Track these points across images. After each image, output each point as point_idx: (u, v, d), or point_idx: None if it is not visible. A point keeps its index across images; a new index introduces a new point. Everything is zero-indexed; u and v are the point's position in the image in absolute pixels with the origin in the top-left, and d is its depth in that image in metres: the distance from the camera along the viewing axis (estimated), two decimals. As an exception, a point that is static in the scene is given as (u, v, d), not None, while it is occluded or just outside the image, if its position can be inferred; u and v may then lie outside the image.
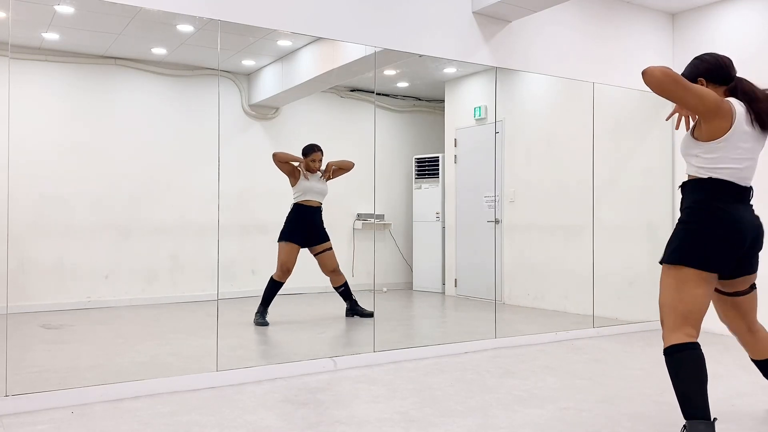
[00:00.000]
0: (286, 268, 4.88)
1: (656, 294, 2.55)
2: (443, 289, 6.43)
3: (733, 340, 4.86)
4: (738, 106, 2.45)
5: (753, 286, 2.65)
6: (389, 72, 5.72)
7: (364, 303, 5.14)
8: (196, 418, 2.92)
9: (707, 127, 2.43)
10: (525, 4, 4.47)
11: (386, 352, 4.11)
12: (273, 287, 4.87)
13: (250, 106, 5.51)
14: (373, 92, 4.80)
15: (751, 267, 2.56)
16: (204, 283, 5.13)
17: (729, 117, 2.41)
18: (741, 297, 2.65)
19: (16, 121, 4.39)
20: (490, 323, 4.78)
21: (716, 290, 2.64)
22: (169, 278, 5.43)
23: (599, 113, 5.33)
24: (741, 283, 2.62)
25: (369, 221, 5.82)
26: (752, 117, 2.44)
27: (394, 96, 6.41)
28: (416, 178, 6.70)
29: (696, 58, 2.62)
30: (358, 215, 5.87)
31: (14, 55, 3.52)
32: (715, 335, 5.09)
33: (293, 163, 4.92)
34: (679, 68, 5.62)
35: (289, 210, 5.00)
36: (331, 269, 5.04)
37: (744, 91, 2.50)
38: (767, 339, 2.73)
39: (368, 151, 4.56)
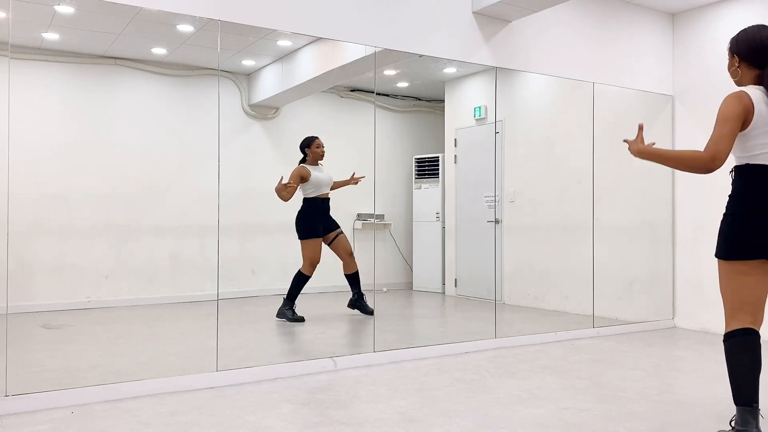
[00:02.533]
0: (316, 262, 4.96)
1: (656, 294, 2.56)
2: (443, 289, 6.43)
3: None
4: (754, 92, 2.44)
5: None
6: (389, 72, 5.72)
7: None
8: (196, 418, 2.92)
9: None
10: (525, 4, 4.47)
11: (386, 352, 4.11)
12: (301, 281, 4.92)
13: (250, 106, 5.51)
14: (373, 92, 4.80)
15: None
16: (204, 283, 5.14)
17: (751, 109, 2.41)
18: None
19: (16, 121, 4.39)
20: (490, 323, 4.78)
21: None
22: (169, 278, 5.43)
23: (599, 113, 5.33)
24: None
25: (369, 221, 5.83)
26: None
27: (394, 96, 6.41)
28: (416, 178, 6.70)
29: (742, 31, 2.56)
30: (358, 215, 5.87)
31: (14, 55, 3.52)
32: (714, 335, 5.09)
33: (291, 184, 4.90)
34: (679, 67, 5.63)
35: (302, 206, 5.00)
36: (349, 252, 5.12)
37: None
38: None
39: (368, 151, 4.56)
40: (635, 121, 5.75)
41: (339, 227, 5.13)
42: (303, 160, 5.05)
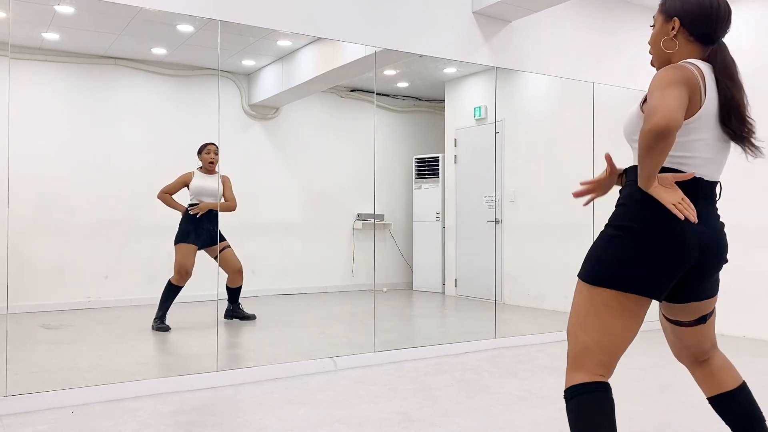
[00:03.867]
0: (184, 270, 4.75)
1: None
2: (443, 289, 6.43)
3: (725, 340, 4.86)
4: (708, 71, 1.77)
5: (702, 319, 1.90)
6: (389, 72, 5.72)
7: (364, 303, 5.14)
8: (196, 418, 2.92)
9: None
10: (525, 4, 4.47)
11: (386, 352, 4.11)
12: (171, 291, 4.76)
13: (250, 106, 5.51)
14: (373, 92, 4.80)
15: (706, 291, 1.85)
16: (204, 283, 5.13)
17: (697, 89, 1.71)
18: (684, 328, 1.93)
19: (16, 121, 4.39)
20: (490, 323, 4.77)
21: (661, 315, 2.01)
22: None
23: (599, 113, 5.33)
24: (688, 312, 1.89)
25: (369, 221, 5.83)
26: (720, 113, 1.76)
27: (394, 96, 6.41)
28: (416, 178, 6.70)
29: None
30: (358, 215, 5.87)
31: (14, 55, 3.52)
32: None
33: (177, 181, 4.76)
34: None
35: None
36: (237, 269, 4.87)
37: (722, 70, 1.78)
38: (723, 370, 1.96)
39: (368, 151, 4.56)
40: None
41: (225, 240, 4.82)
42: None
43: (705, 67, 1.77)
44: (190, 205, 4.80)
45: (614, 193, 2.21)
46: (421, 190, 6.68)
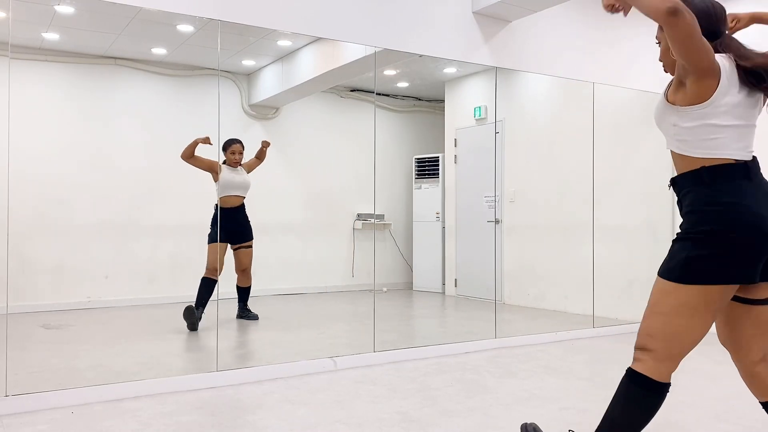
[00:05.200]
0: (213, 266, 4.75)
1: None
2: (443, 289, 6.43)
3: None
4: (725, 60, 1.91)
5: None
6: (389, 72, 5.72)
7: (364, 303, 5.14)
8: (196, 418, 2.92)
9: (695, 87, 1.88)
10: (525, 4, 4.47)
11: (386, 352, 4.11)
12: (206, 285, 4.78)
13: (250, 106, 5.51)
14: (373, 92, 4.80)
15: None
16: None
17: (716, 75, 1.86)
18: (759, 307, 1.98)
19: (16, 121, 4.39)
20: (490, 323, 4.77)
21: (736, 300, 2.01)
22: (169, 278, 5.43)
23: (599, 113, 5.33)
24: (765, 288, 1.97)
25: (369, 221, 5.83)
26: (740, 76, 1.89)
27: (394, 96, 6.41)
28: (416, 178, 6.70)
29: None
30: (358, 215, 5.87)
31: (14, 55, 3.52)
32: (714, 335, 5.09)
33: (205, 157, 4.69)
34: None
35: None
36: (243, 268, 4.91)
37: (732, 49, 1.93)
38: None
39: (368, 151, 4.56)
40: (635, 121, 5.77)
41: (250, 239, 4.89)
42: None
43: (724, 60, 1.90)
44: (218, 205, 4.82)
45: (615, 194, 2.24)
46: (421, 190, 6.68)
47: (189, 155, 4.59)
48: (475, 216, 5.99)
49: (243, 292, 4.94)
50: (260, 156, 4.94)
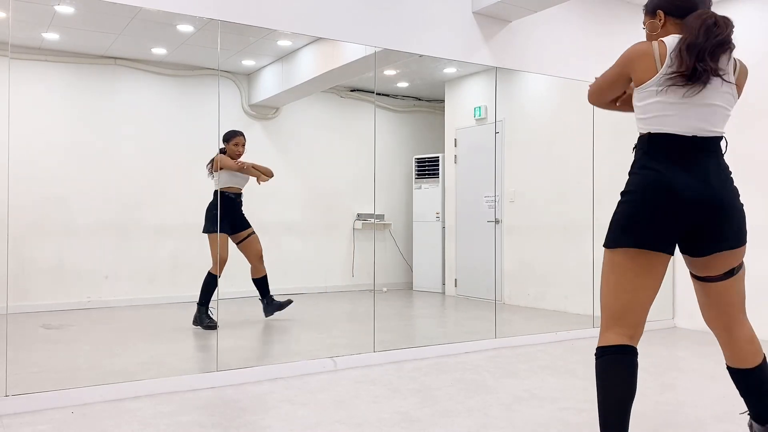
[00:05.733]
0: (221, 260, 4.75)
1: (657, 294, 2.20)
2: (443, 289, 6.43)
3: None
4: (671, 40, 2.01)
5: (730, 273, 2.10)
6: (389, 72, 5.72)
7: (364, 303, 5.14)
8: (196, 418, 2.92)
9: (634, 78, 2.08)
10: (525, 4, 4.47)
11: (386, 352, 4.11)
12: (210, 282, 4.74)
13: (250, 106, 5.51)
14: (373, 92, 4.80)
15: (720, 243, 2.03)
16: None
17: (649, 56, 2.00)
18: (714, 283, 2.12)
19: (16, 122, 4.39)
20: (490, 323, 4.77)
21: (692, 276, 2.20)
22: (169, 278, 5.43)
23: (599, 113, 5.33)
24: (713, 266, 2.09)
25: (369, 221, 5.83)
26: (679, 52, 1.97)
27: (394, 96, 6.41)
28: (416, 178, 6.70)
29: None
30: (358, 215, 5.87)
31: (14, 55, 3.52)
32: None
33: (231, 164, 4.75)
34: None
35: (212, 198, 4.81)
36: (259, 255, 4.89)
37: (689, 26, 2.01)
38: (748, 344, 2.16)
39: (368, 151, 4.56)
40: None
41: (250, 227, 4.88)
42: (222, 152, 4.87)
43: (671, 39, 2.02)
44: (220, 191, 4.77)
45: (615, 194, 2.33)
46: (421, 190, 6.68)
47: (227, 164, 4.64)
48: (475, 216, 5.99)
49: (261, 284, 4.87)
50: (260, 172, 4.89)
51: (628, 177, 2.11)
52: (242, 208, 4.86)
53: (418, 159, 6.69)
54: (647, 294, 2.04)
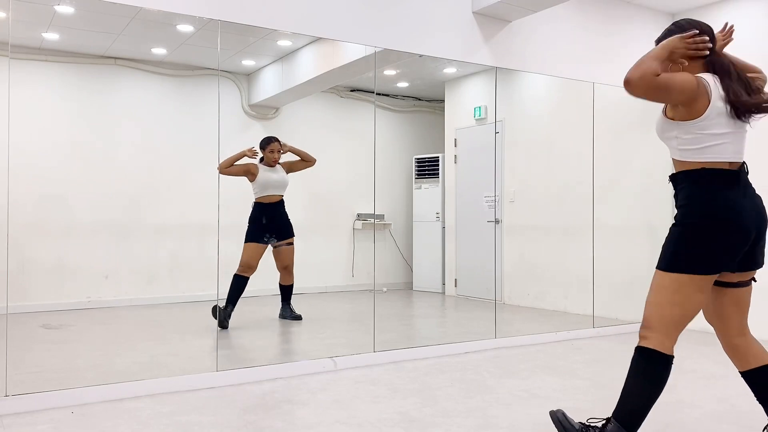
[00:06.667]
0: (249, 266, 4.80)
1: None
2: (443, 289, 6.43)
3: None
4: (712, 81, 2.22)
5: (753, 280, 2.37)
6: (389, 72, 5.72)
7: (364, 303, 5.14)
8: (196, 418, 2.92)
9: (687, 109, 2.21)
10: (525, 4, 4.47)
11: (386, 352, 4.11)
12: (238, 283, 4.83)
13: (250, 106, 5.51)
14: (373, 92, 4.80)
15: (757, 261, 2.28)
16: (204, 283, 5.13)
17: (706, 95, 2.18)
18: (739, 289, 2.33)
19: (16, 122, 4.39)
20: (490, 323, 4.78)
21: (716, 284, 2.36)
22: (169, 278, 5.43)
23: (599, 113, 5.33)
24: (745, 274, 2.33)
25: (369, 221, 5.83)
26: (724, 96, 2.19)
27: (394, 96, 6.41)
28: (416, 178, 6.70)
29: (673, 24, 2.39)
30: (358, 215, 5.87)
31: (14, 55, 3.52)
32: (709, 334, 5.09)
33: (241, 162, 4.75)
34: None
35: (252, 209, 4.91)
36: (285, 266, 4.97)
37: (721, 66, 2.26)
38: (758, 346, 2.37)
39: (368, 151, 4.56)
40: (635, 121, 5.76)
41: (292, 236, 4.94)
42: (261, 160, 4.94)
43: (710, 78, 2.22)
44: (258, 202, 4.86)
45: (615, 194, 2.40)
46: (421, 190, 6.68)
47: (228, 166, 4.59)
48: (475, 216, 5.99)
49: (286, 291, 4.97)
50: (300, 155, 4.93)
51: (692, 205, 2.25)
52: (284, 216, 4.91)
53: (418, 159, 6.69)
54: (701, 307, 2.27)
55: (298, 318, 5.01)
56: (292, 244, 4.95)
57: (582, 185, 5.39)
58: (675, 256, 2.21)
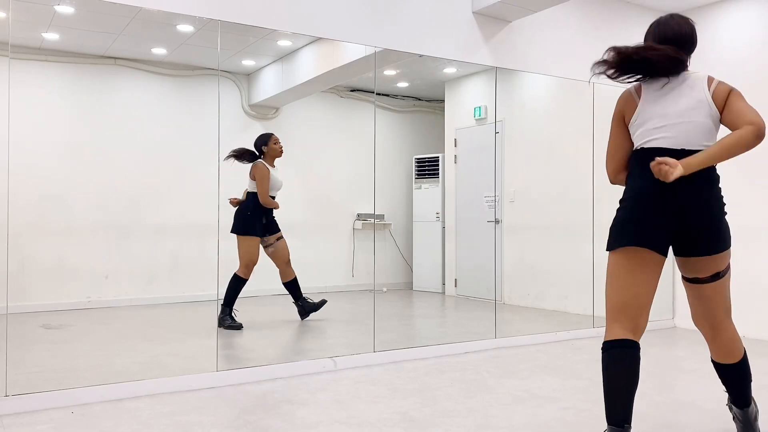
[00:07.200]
0: (252, 263, 4.79)
1: (657, 294, 2.42)
2: (443, 289, 6.43)
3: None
4: (633, 85, 2.42)
5: (716, 276, 2.33)
6: (389, 72, 5.72)
7: (364, 303, 5.14)
8: (196, 418, 2.92)
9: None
10: (525, 4, 4.47)
11: (386, 352, 4.11)
12: (237, 285, 4.79)
13: (250, 106, 5.51)
14: (373, 92, 4.80)
15: (698, 249, 2.25)
16: (204, 283, 5.13)
17: (631, 101, 2.42)
18: (702, 285, 2.35)
19: (16, 122, 4.39)
20: (490, 323, 4.78)
21: (682, 278, 2.44)
22: (169, 278, 5.43)
23: (599, 113, 5.33)
24: (700, 269, 2.32)
25: (369, 221, 5.83)
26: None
27: (394, 96, 6.40)
28: (416, 178, 6.70)
29: (654, 23, 2.51)
30: (358, 215, 5.87)
31: (14, 55, 3.52)
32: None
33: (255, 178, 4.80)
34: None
35: (247, 200, 4.86)
36: (286, 260, 4.96)
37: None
38: (730, 342, 2.42)
39: (368, 151, 4.56)
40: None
41: (279, 231, 4.93)
42: (258, 158, 4.89)
43: (632, 89, 2.55)
44: (252, 194, 4.83)
45: (615, 194, 2.51)
46: (421, 190, 6.68)
47: (276, 205, 4.79)
48: (475, 216, 5.99)
49: (294, 286, 4.93)
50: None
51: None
52: (273, 213, 4.91)
53: (418, 159, 6.68)
54: (643, 289, 2.25)
55: (321, 305, 4.92)
56: (282, 237, 4.93)
57: (582, 185, 5.39)
58: (610, 235, 2.35)
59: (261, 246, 4.88)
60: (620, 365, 2.20)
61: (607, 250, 2.35)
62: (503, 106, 5.49)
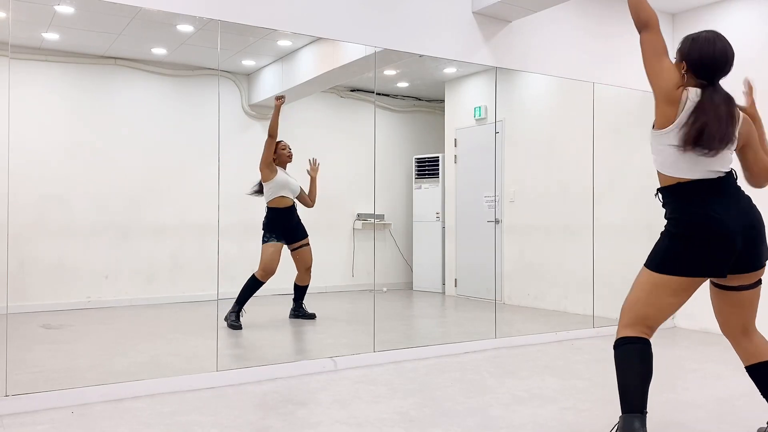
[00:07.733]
0: (270, 268, 4.83)
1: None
2: (443, 289, 6.43)
3: (724, 340, 4.85)
4: (694, 96, 2.25)
5: (758, 282, 2.39)
6: (389, 72, 5.72)
7: (364, 303, 5.14)
8: (196, 418, 2.92)
9: (658, 111, 2.28)
10: (525, 4, 4.47)
11: (386, 352, 4.11)
12: (254, 286, 4.86)
13: (250, 106, 5.51)
14: (373, 92, 4.80)
15: (755, 263, 2.31)
16: (204, 283, 5.13)
17: (676, 103, 2.23)
18: (744, 291, 2.39)
19: (16, 122, 4.39)
20: (490, 323, 4.78)
21: (715, 286, 2.44)
22: (169, 278, 5.43)
23: (599, 113, 5.33)
24: (747, 278, 2.36)
25: (369, 221, 5.83)
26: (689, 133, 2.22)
27: (394, 96, 6.41)
28: (416, 178, 6.70)
29: (695, 38, 2.36)
30: (358, 215, 5.87)
31: (14, 55, 3.52)
32: (715, 335, 5.09)
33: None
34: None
35: (266, 214, 4.91)
36: (307, 267, 5.02)
37: (706, 103, 2.23)
38: (762, 340, 2.46)
39: (368, 151, 4.56)
40: (635, 121, 5.75)
41: (306, 236, 4.99)
42: None
43: (693, 93, 2.26)
44: (270, 208, 4.88)
45: (615, 194, 2.46)
46: (421, 190, 6.68)
47: (276, 126, 4.70)
48: (475, 216, 5.99)
49: (301, 291, 5.01)
50: (312, 190, 5.04)
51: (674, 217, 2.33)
52: (297, 219, 4.97)
53: (418, 159, 6.69)
54: (676, 308, 2.34)
55: (312, 317, 5.02)
56: (309, 243, 5.00)
57: (582, 185, 5.39)
58: (655, 256, 2.33)
59: (289, 250, 4.95)
60: (637, 357, 2.27)
61: (658, 272, 2.30)
62: (503, 106, 5.49)
